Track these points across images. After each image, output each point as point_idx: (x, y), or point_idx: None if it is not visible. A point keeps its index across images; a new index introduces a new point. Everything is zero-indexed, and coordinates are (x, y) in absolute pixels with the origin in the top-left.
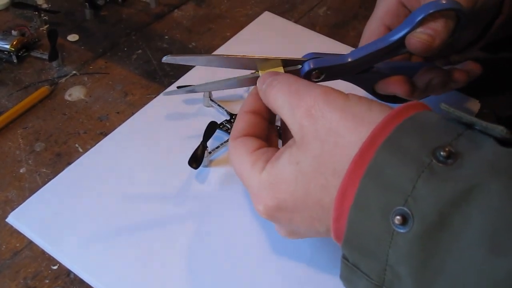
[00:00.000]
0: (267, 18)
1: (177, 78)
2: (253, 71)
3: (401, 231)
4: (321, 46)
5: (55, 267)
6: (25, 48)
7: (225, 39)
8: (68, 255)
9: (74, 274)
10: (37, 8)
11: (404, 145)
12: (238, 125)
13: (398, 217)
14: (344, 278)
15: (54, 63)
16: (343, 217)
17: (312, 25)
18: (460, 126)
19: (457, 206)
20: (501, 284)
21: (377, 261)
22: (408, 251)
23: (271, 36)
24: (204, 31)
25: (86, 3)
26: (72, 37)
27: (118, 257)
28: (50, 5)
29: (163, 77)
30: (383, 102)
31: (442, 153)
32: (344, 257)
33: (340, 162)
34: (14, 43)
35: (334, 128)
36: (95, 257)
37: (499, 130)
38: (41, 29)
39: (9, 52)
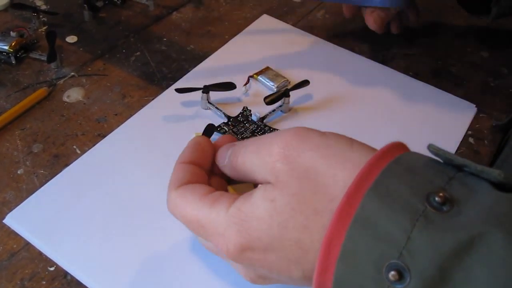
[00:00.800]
0: (265, 21)
1: (175, 80)
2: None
3: (397, 287)
4: (319, 50)
5: (52, 269)
6: (23, 49)
7: (224, 42)
8: (65, 256)
9: (71, 276)
10: (35, 9)
11: (393, 191)
12: (178, 175)
13: (393, 272)
14: None
15: (53, 65)
16: (330, 271)
17: (310, 29)
18: (450, 168)
19: (458, 259)
20: None
21: None
22: None
23: (269, 39)
24: (203, 34)
25: (85, 5)
26: (71, 39)
27: (115, 259)
28: (48, 7)
29: (161, 80)
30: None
31: (436, 198)
32: None
33: (321, 201)
34: (13, 44)
35: (313, 166)
36: (92, 258)
37: (496, 174)
38: (39, 30)
39: (7, 53)
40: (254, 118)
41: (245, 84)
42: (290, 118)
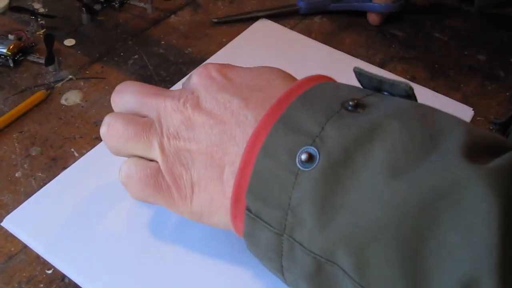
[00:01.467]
0: (263, 25)
1: (173, 83)
2: None
3: (306, 169)
4: (317, 53)
5: (49, 272)
6: (21, 52)
7: (221, 45)
8: (62, 259)
9: (69, 279)
10: (34, 12)
11: (317, 98)
12: None
13: (304, 155)
14: (247, 234)
15: (51, 68)
16: (251, 164)
17: (308, 32)
18: (370, 91)
19: (360, 143)
20: (400, 204)
21: (280, 207)
22: (310, 189)
23: (267, 42)
24: (201, 37)
25: (83, 8)
26: (69, 42)
27: (113, 262)
28: (47, 10)
29: (159, 82)
30: None
31: (350, 103)
32: (247, 209)
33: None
34: (11, 47)
35: (260, 69)
36: (90, 261)
37: (403, 85)
38: (37, 33)
39: (5, 56)
40: None
41: None
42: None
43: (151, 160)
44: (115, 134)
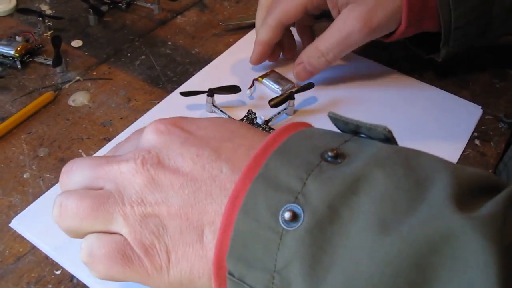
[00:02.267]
0: None
1: (180, 84)
2: None
3: (291, 228)
4: None
5: (58, 272)
6: (29, 53)
7: (228, 45)
8: (71, 260)
9: (77, 279)
10: (41, 14)
11: (294, 151)
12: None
13: (287, 213)
14: None
15: (58, 69)
16: (231, 226)
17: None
18: (347, 134)
19: (345, 197)
20: (393, 261)
21: (265, 269)
22: (297, 250)
23: None
24: (207, 37)
25: (90, 9)
26: (76, 43)
27: None
28: (54, 11)
29: (166, 83)
30: None
31: (329, 153)
32: (230, 273)
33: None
34: (19, 48)
35: (237, 128)
36: None
37: (381, 129)
38: (45, 35)
39: (13, 57)
40: (259, 121)
41: (250, 87)
42: (295, 121)
43: (115, 234)
44: (69, 213)
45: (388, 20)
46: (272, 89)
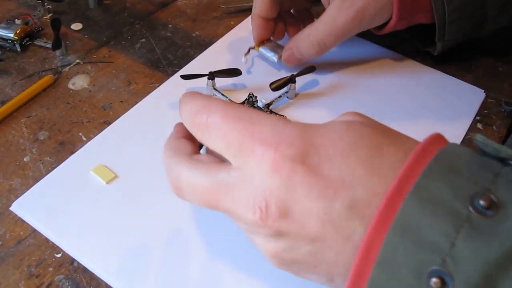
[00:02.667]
0: None
1: (180, 67)
2: None
3: None
4: None
5: (58, 255)
6: (28, 37)
7: (229, 28)
8: (71, 243)
9: (78, 262)
10: None
11: (435, 194)
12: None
13: (434, 279)
14: None
15: (58, 52)
16: (364, 277)
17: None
18: (495, 163)
19: (503, 268)
20: None
21: None
22: None
23: None
24: (208, 20)
25: None
26: (76, 26)
27: (122, 245)
28: None
29: (166, 66)
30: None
31: (481, 202)
32: None
33: (398, 140)
34: (18, 31)
35: (385, 128)
36: (98, 245)
37: None
38: (44, 17)
39: (12, 41)
40: (260, 104)
41: (246, 54)
42: (296, 104)
43: None
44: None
45: (380, 12)
46: (268, 57)
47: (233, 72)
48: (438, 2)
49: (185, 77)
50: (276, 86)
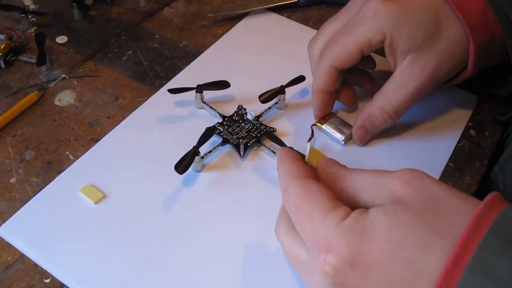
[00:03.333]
0: (259, 14)
1: (168, 79)
2: None
3: None
4: None
5: (47, 281)
6: (13, 52)
7: (217, 37)
8: (60, 267)
9: (67, 287)
10: (24, 10)
11: (492, 268)
12: (299, 167)
13: None
14: None
15: (43, 67)
16: None
17: (305, 20)
18: None
19: None
20: None
21: None
22: None
23: (263, 32)
24: (196, 29)
25: (74, 3)
26: (61, 39)
27: (111, 268)
28: (37, 6)
29: (154, 79)
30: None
31: None
32: None
33: (444, 225)
34: (2, 47)
35: (437, 197)
36: (88, 268)
37: None
38: (29, 31)
39: None
40: (249, 116)
41: (310, 139)
42: (287, 115)
43: None
44: None
45: (455, 68)
46: (333, 137)
47: (222, 85)
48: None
49: (173, 91)
50: (265, 98)
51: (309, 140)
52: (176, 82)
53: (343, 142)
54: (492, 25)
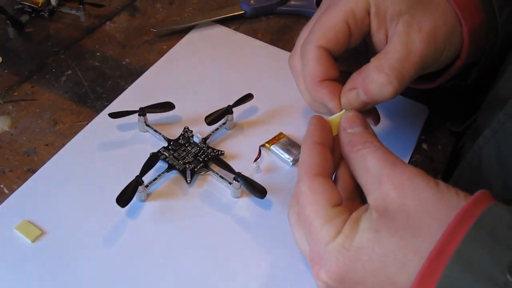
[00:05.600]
0: (206, 27)
1: (110, 100)
2: None
3: None
4: (264, 55)
5: None
6: None
7: (162, 53)
8: None
9: None
10: None
11: (475, 260)
12: (314, 159)
13: None
14: None
15: None
16: None
17: (253, 32)
18: None
19: None
20: None
21: None
22: None
23: (211, 46)
24: (139, 45)
25: (8, 21)
26: None
27: None
28: None
29: (95, 101)
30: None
31: None
32: None
33: (424, 242)
34: None
35: (424, 205)
36: None
37: None
38: None
39: None
40: (196, 139)
41: (256, 159)
42: (236, 136)
43: None
44: None
45: (450, 36)
46: (282, 159)
47: (166, 106)
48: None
49: (114, 115)
50: (212, 119)
51: (255, 160)
52: (118, 103)
53: (291, 163)
54: (479, 10)
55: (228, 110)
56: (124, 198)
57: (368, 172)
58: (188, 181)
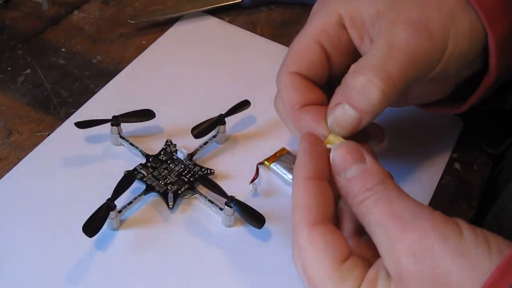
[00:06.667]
0: (194, 18)
1: (77, 106)
2: None
3: None
4: (263, 53)
5: None
6: None
7: (140, 49)
8: None
9: None
10: None
11: None
12: (309, 202)
13: None
14: None
15: None
16: None
17: (252, 25)
18: None
19: None
20: None
21: None
22: None
23: (200, 42)
24: (113, 39)
25: None
26: None
27: None
28: None
29: (58, 106)
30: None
31: None
32: None
33: None
34: None
35: (444, 274)
36: None
37: None
38: None
39: None
40: (180, 155)
41: (253, 180)
42: (228, 151)
43: None
44: None
45: (455, 29)
46: (285, 180)
47: (144, 115)
48: None
49: (81, 124)
50: (200, 131)
51: (252, 181)
52: (87, 111)
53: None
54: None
55: (219, 120)
56: (92, 226)
57: (376, 230)
58: (170, 206)
